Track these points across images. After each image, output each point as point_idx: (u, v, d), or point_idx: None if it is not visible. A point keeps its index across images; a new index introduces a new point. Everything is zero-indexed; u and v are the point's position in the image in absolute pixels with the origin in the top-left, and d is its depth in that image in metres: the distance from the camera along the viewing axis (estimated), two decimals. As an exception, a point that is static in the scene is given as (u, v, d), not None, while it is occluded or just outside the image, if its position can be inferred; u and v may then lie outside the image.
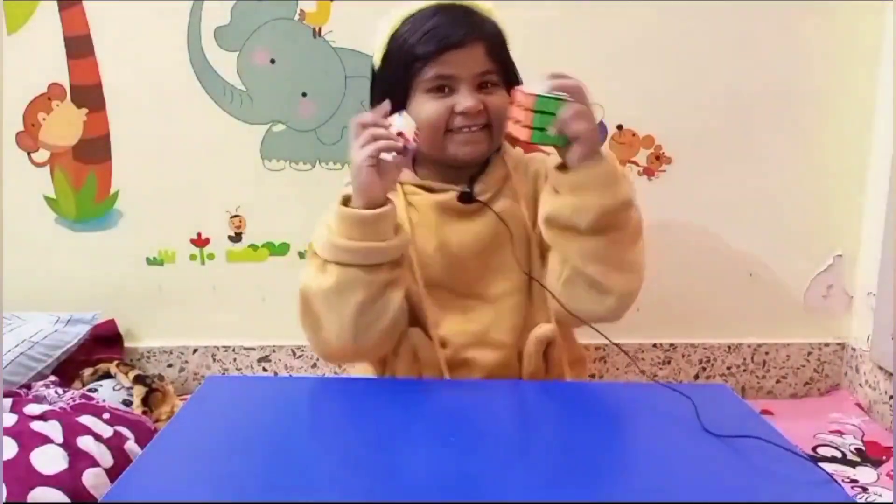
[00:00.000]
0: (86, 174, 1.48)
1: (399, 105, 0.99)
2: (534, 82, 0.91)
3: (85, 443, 1.07)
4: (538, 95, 0.89)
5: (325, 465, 0.73)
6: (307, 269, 0.98)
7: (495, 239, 1.03)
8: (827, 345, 1.55)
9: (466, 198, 1.03)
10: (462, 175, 1.05)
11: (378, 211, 0.91)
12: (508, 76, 1.03)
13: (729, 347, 1.55)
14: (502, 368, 1.02)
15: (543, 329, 1.01)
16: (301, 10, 1.40)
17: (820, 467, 0.72)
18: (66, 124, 1.46)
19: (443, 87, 0.98)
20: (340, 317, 0.93)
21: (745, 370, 1.56)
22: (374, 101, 1.05)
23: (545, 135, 0.90)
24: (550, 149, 0.95)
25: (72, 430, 1.08)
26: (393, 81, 1.01)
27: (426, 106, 0.99)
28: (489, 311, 1.03)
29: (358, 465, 0.71)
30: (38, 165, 1.48)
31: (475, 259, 1.04)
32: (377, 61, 1.05)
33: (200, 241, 1.51)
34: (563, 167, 0.94)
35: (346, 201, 0.94)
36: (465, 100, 0.97)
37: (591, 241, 0.92)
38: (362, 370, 1.12)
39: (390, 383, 1.00)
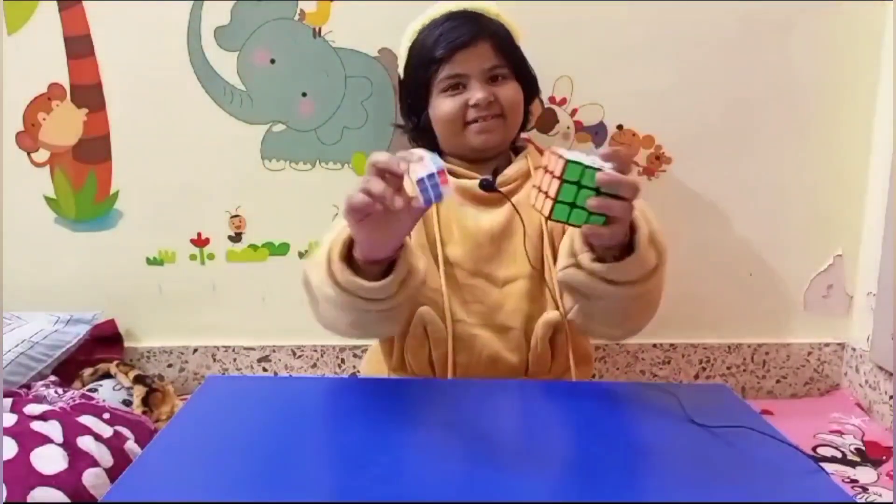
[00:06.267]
0: (86, 174, 1.48)
1: (422, 106, 1.10)
2: (573, 151, 0.76)
3: (85, 443, 1.07)
4: (569, 161, 0.73)
5: (324, 466, 0.73)
6: (315, 253, 0.93)
7: (509, 228, 1.07)
8: (827, 345, 1.55)
9: (488, 186, 1.08)
10: (486, 167, 1.12)
11: (372, 285, 0.83)
12: (519, 70, 1.11)
13: (729, 347, 1.55)
14: (508, 352, 1.05)
15: (552, 314, 1.04)
16: (301, 10, 1.40)
17: (819, 465, 0.73)
18: (66, 124, 1.45)
19: (457, 85, 1.07)
20: (333, 319, 0.94)
21: (745, 370, 1.56)
22: (402, 107, 1.19)
23: (575, 211, 0.75)
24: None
25: (72, 430, 1.08)
26: (415, 86, 1.12)
27: (443, 104, 1.07)
28: (496, 294, 1.06)
29: (358, 465, 0.71)
30: (38, 165, 1.48)
31: (489, 244, 1.07)
32: (401, 71, 1.15)
33: (200, 241, 1.51)
34: (590, 246, 0.86)
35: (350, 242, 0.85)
36: (476, 93, 1.06)
37: (618, 307, 0.91)
38: (373, 350, 1.16)
39: (390, 384, 1.01)
